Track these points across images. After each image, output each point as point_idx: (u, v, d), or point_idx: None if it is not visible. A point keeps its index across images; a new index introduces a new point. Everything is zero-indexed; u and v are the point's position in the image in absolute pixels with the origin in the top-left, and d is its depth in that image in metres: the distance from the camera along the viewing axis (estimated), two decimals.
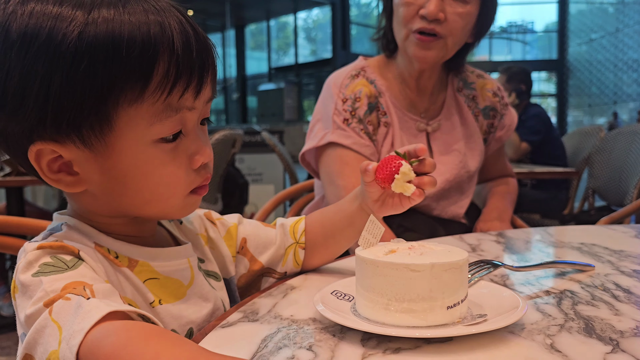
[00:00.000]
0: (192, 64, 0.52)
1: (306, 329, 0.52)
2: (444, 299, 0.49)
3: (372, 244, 0.56)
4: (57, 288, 0.46)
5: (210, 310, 0.61)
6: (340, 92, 1.15)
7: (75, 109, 0.49)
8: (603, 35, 14.35)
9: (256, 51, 18.81)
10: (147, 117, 0.51)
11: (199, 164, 0.56)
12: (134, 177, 0.54)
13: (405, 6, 1.08)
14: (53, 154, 0.52)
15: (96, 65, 0.48)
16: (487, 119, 1.26)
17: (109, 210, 0.57)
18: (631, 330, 0.51)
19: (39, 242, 0.52)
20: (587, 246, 0.88)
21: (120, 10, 0.49)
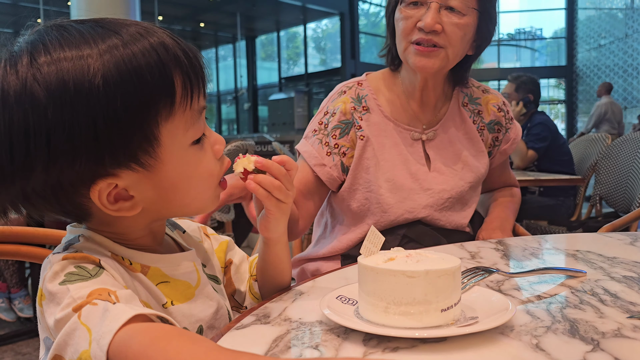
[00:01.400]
0: (195, 70, 0.58)
1: (313, 330, 0.57)
2: (438, 303, 0.54)
3: (373, 252, 0.61)
4: (83, 295, 0.51)
5: (215, 309, 0.68)
6: (326, 105, 1.24)
7: (127, 141, 0.54)
8: (612, 41, 14.31)
9: (267, 61, 18.97)
10: (182, 126, 0.57)
11: (220, 153, 0.64)
12: (182, 181, 0.60)
13: (404, 20, 1.14)
14: (109, 186, 0.56)
15: (130, 98, 0.53)
16: (492, 132, 1.30)
17: (152, 218, 0.63)
18: (612, 331, 0.55)
19: (62, 253, 0.57)
20: (582, 253, 0.92)
21: (122, 40, 0.54)
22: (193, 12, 15.45)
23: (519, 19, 18.66)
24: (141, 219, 0.62)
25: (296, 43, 18.63)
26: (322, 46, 18.87)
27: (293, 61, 19.01)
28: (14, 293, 2.85)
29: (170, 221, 0.75)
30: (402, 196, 1.18)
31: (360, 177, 1.19)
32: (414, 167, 1.19)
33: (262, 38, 18.93)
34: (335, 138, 1.19)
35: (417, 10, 1.12)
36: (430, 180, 1.19)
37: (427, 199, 1.19)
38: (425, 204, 1.18)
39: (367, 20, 17.24)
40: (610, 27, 14.61)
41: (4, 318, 2.84)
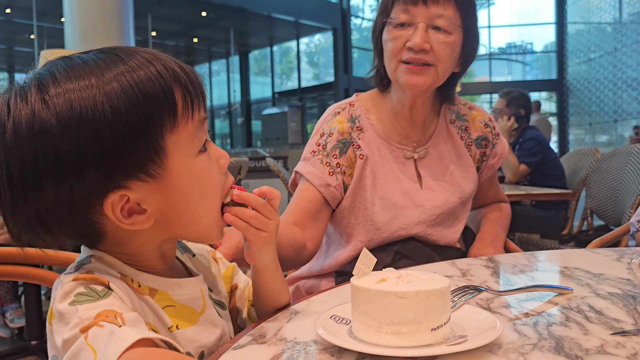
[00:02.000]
0: (193, 84, 0.62)
1: (308, 349, 0.59)
2: (429, 322, 0.56)
3: (365, 273, 0.63)
4: (90, 316, 0.53)
5: (219, 336, 0.69)
6: (321, 127, 1.26)
7: (134, 153, 0.57)
8: (602, 55, 14.50)
9: (260, 76, 19.07)
10: (186, 136, 0.61)
11: (225, 168, 0.66)
12: (192, 191, 0.62)
13: (393, 40, 1.17)
14: (122, 200, 0.58)
15: (134, 114, 0.56)
16: (480, 148, 1.34)
17: (165, 236, 0.65)
18: (596, 348, 0.57)
19: (73, 274, 0.59)
20: (570, 270, 0.94)
21: (124, 63, 0.58)
22: (186, 28, 15.54)
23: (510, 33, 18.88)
24: (154, 236, 0.64)
25: (289, 58, 18.76)
26: (315, 61, 19.00)
27: (286, 76, 19.12)
28: (6, 306, 2.86)
29: (181, 244, 0.77)
30: (395, 213, 1.20)
31: (359, 195, 1.21)
32: (406, 184, 1.22)
33: (255, 53, 19.04)
34: (335, 157, 1.21)
35: (406, 30, 1.16)
36: (422, 197, 1.22)
37: (420, 215, 1.21)
38: (418, 220, 1.21)
39: (360, 35, 17.40)
40: (599, 41, 14.82)
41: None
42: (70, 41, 7.10)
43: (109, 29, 7.09)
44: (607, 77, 14.19)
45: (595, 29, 15.04)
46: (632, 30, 13.36)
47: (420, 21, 1.15)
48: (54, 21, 12.11)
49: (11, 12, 13.34)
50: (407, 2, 1.15)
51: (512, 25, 18.38)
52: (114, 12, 7.20)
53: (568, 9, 15.98)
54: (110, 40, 7.02)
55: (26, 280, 1.03)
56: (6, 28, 14.70)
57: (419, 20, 1.15)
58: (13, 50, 17.05)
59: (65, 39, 7.21)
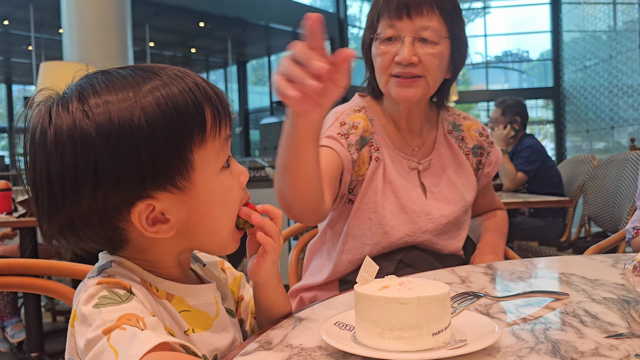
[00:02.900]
0: (222, 103, 0.65)
1: (313, 355, 0.61)
2: (430, 327, 0.58)
3: (368, 280, 0.65)
4: (113, 318, 0.55)
5: (231, 340, 0.72)
6: (340, 117, 1.25)
7: (166, 166, 0.60)
8: (597, 62, 14.58)
9: (258, 86, 19.13)
10: (212, 152, 0.64)
11: (244, 184, 0.69)
12: (215, 205, 0.65)
13: (382, 56, 1.20)
14: (148, 208, 0.62)
15: (168, 129, 0.60)
16: (476, 156, 1.37)
17: (185, 246, 0.68)
18: (590, 350, 0.59)
19: (97, 278, 0.62)
20: (566, 276, 0.97)
21: (162, 81, 0.62)
22: (184, 38, 15.60)
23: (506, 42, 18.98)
24: (175, 246, 0.67)
25: None
26: None
27: None
28: (6, 321, 2.87)
29: (192, 254, 0.79)
30: (404, 219, 1.23)
31: (368, 197, 1.23)
32: (413, 193, 1.25)
33: (253, 63, 19.10)
34: (357, 151, 1.22)
35: (393, 45, 1.19)
36: (429, 206, 1.25)
37: (427, 223, 1.24)
38: (426, 228, 1.23)
39: (357, 45, 17.48)
40: (594, 49, 14.91)
41: None
42: (68, 52, 7.13)
43: (107, 40, 7.13)
44: (602, 84, 14.26)
45: (591, 37, 15.13)
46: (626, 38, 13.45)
47: (406, 35, 1.17)
48: (52, 32, 12.16)
49: (9, 24, 13.39)
50: (392, 17, 1.18)
51: (508, 33, 18.49)
52: (112, 24, 7.24)
53: (563, 17, 16.10)
54: (108, 51, 7.06)
55: (28, 290, 1.04)
56: (4, 39, 14.75)
57: (405, 34, 1.17)
58: (10, 61, 17.08)
59: (64, 51, 7.24)
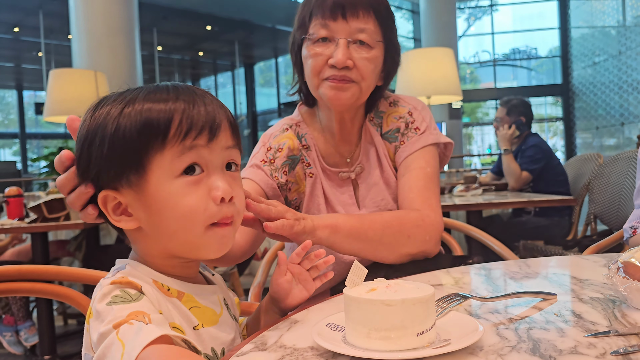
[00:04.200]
0: (202, 117, 0.70)
1: (305, 355, 0.64)
2: (414, 327, 0.61)
3: (357, 284, 0.68)
4: (123, 315, 0.62)
5: (233, 337, 0.78)
6: (267, 142, 1.25)
7: (122, 161, 0.69)
8: (606, 59, 14.49)
9: (265, 87, 19.21)
10: (169, 157, 0.69)
11: (218, 199, 0.70)
12: (166, 208, 0.69)
13: (314, 57, 1.14)
14: (114, 200, 0.71)
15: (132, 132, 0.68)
16: (392, 141, 1.26)
17: (158, 249, 0.73)
18: (569, 348, 0.62)
19: (111, 278, 0.68)
20: (557, 276, 0.99)
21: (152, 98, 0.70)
22: (191, 42, 15.70)
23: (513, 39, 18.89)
24: (151, 245, 0.73)
25: None
26: None
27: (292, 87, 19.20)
28: (20, 325, 2.93)
29: (202, 265, 0.86)
30: None
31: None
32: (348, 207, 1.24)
33: (261, 65, 19.18)
34: (285, 174, 1.21)
35: (326, 46, 1.13)
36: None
37: None
38: None
39: None
40: (603, 44, 14.81)
41: (12, 351, 2.90)
42: (77, 58, 7.22)
43: (115, 46, 7.22)
44: (612, 80, 14.17)
45: (599, 33, 15.04)
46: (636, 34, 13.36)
47: (341, 37, 1.12)
48: (62, 39, 12.29)
49: (19, 31, 13.55)
50: (326, 17, 1.12)
51: (516, 31, 18.42)
52: (120, 29, 7.32)
53: (571, 13, 16.01)
54: (116, 56, 7.15)
55: (40, 295, 1.08)
56: (14, 46, 14.92)
57: (340, 36, 1.12)
58: (21, 67, 17.28)
59: (73, 56, 7.34)
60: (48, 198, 2.64)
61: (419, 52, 3.91)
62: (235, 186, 0.74)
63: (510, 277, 1.00)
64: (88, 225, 2.65)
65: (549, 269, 1.06)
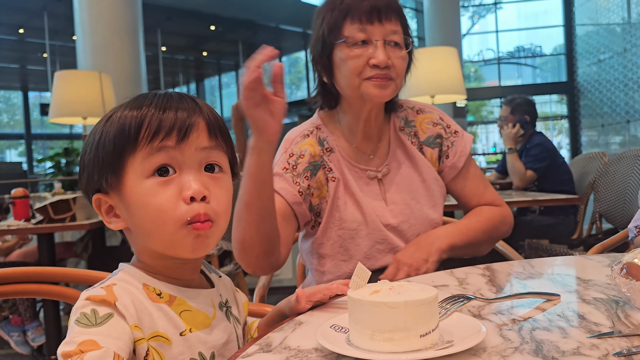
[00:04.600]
0: (170, 119, 0.72)
1: (309, 356, 0.65)
2: (417, 329, 0.62)
3: (360, 285, 0.69)
4: (76, 341, 0.63)
5: (226, 340, 0.78)
6: (289, 147, 1.30)
7: (105, 165, 0.73)
8: (611, 56, 14.43)
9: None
10: (140, 159, 0.71)
11: (187, 197, 0.71)
12: (139, 208, 0.72)
13: (354, 59, 1.20)
14: (105, 204, 0.75)
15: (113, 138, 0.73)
16: (435, 147, 1.35)
17: (144, 248, 0.75)
18: (572, 349, 0.62)
19: (90, 291, 0.68)
20: (561, 276, 0.99)
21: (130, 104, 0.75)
22: (195, 42, 15.74)
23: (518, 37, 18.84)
24: (138, 243, 0.76)
25: (298, 68, 18.88)
26: None
27: (296, 86, 19.24)
28: (27, 325, 2.95)
29: (211, 267, 0.87)
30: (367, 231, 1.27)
31: (333, 216, 1.27)
32: (372, 204, 1.28)
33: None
34: (307, 179, 1.26)
35: (365, 48, 1.20)
36: (388, 215, 1.28)
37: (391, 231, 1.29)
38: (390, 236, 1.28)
39: None
40: (608, 42, 14.75)
41: (20, 351, 2.92)
42: (82, 59, 7.25)
43: (119, 46, 7.25)
44: (617, 77, 14.12)
45: (604, 30, 14.98)
46: None
47: (378, 39, 1.20)
48: (66, 39, 12.34)
49: (24, 32, 13.61)
50: (364, 22, 1.19)
51: (520, 29, 18.37)
52: (124, 30, 7.35)
53: (576, 10, 15.96)
54: (121, 57, 7.18)
55: (46, 297, 1.09)
56: (20, 48, 15.00)
57: (377, 38, 1.20)
58: (26, 69, 17.37)
59: (78, 57, 7.37)
60: (54, 199, 2.65)
61: (422, 51, 3.90)
62: (213, 187, 0.74)
63: (514, 278, 1.00)
64: (93, 226, 2.67)
65: (553, 269, 1.06)
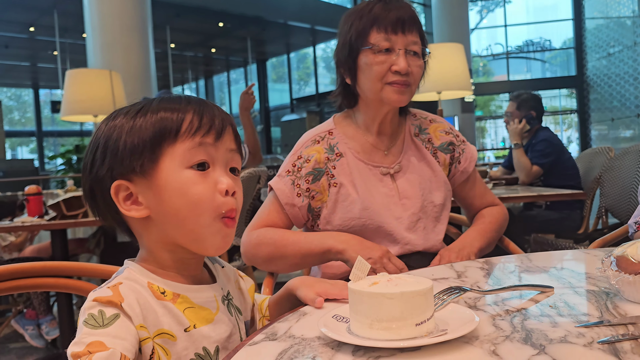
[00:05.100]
0: (210, 119, 0.77)
1: (312, 344, 0.69)
2: (413, 318, 0.66)
3: (360, 278, 0.73)
4: (85, 342, 0.66)
5: (229, 334, 0.81)
6: (300, 149, 1.40)
7: (138, 151, 0.75)
8: (621, 50, 14.32)
9: (278, 83, 19.27)
10: (181, 151, 0.75)
11: (223, 190, 0.77)
12: (176, 195, 0.75)
13: (379, 65, 1.31)
14: (126, 190, 0.76)
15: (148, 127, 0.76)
16: (448, 153, 1.47)
17: (164, 238, 0.78)
18: (559, 338, 0.66)
19: (97, 292, 0.72)
20: (557, 270, 1.03)
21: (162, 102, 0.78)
22: (204, 39, 15.78)
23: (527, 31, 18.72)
24: (158, 234, 0.78)
25: (306, 64, 18.90)
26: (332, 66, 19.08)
27: (304, 82, 19.26)
28: (41, 319, 3.02)
29: (213, 257, 0.89)
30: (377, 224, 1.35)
31: (334, 218, 1.34)
32: (386, 199, 1.36)
33: (273, 60, 19.24)
34: (308, 182, 1.36)
35: (388, 56, 1.31)
36: (400, 209, 1.36)
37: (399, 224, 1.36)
38: (399, 226, 1.35)
39: None
40: (619, 35, 14.63)
41: (34, 344, 2.99)
42: (92, 57, 7.33)
43: (129, 44, 7.32)
44: (627, 71, 14.01)
45: (614, 24, 14.86)
46: None
47: (401, 48, 1.31)
48: (76, 37, 12.42)
49: (34, 30, 13.73)
50: (389, 32, 1.31)
51: (529, 23, 18.26)
52: (133, 27, 7.41)
53: (585, 4, 15.83)
54: (130, 54, 7.25)
55: (61, 290, 1.14)
56: (30, 45, 15.12)
57: (400, 47, 1.31)
58: (37, 67, 17.51)
59: (88, 55, 7.44)
60: (67, 196, 2.71)
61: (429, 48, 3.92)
62: (235, 187, 0.80)
63: (511, 271, 1.04)
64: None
65: (550, 263, 1.09)
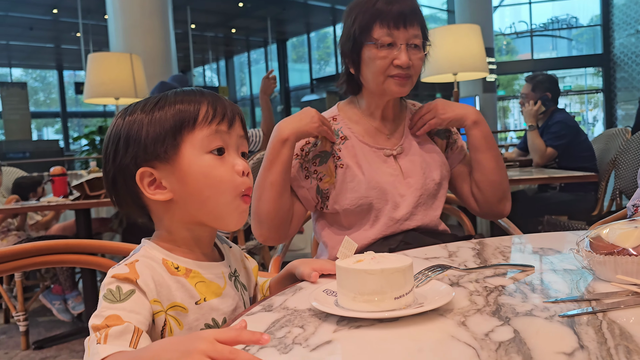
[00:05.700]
0: (223, 109, 0.85)
1: (302, 315, 0.77)
2: (392, 292, 0.73)
3: (347, 256, 0.80)
4: (104, 315, 0.72)
5: (235, 307, 0.89)
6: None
7: (160, 139, 0.82)
8: None
9: (298, 63, 19.26)
10: (199, 138, 0.82)
11: (240, 171, 0.85)
12: (199, 178, 0.83)
13: (382, 59, 1.37)
14: (150, 176, 0.82)
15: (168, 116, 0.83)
16: (444, 139, 1.57)
17: (186, 218, 0.86)
18: (525, 311, 0.73)
19: (115, 269, 0.79)
20: (544, 250, 1.09)
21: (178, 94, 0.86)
22: (224, 19, 15.83)
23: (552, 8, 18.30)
24: (180, 214, 0.85)
25: (327, 43, 18.82)
26: None
27: (324, 61, 19.21)
28: (67, 294, 3.17)
29: (222, 238, 0.98)
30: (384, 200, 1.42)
31: (342, 198, 1.41)
32: (390, 178, 1.42)
33: (293, 40, 19.20)
34: (315, 165, 1.43)
35: (390, 50, 1.37)
36: (405, 187, 1.43)
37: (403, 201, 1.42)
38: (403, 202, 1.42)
39: None
40: None
41: (61, 318, 3.15)
42: (114, 38, 7.46)
43: (149, 25, 7.43)
44: None
45: None
46: None
47: (402, 42, 1.37)
48: (98, 18, 12.58)
49: (58, 12, 13.93)
50: (391, 27, 1.36)
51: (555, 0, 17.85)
52: (154, 9, 7.51)
53: None
54: (151, 35, 7.36)
55: (84, 266, 1.23)
56: (54, 27, 15.35)
57: (402, 42, 1.37)
58: (61, 48, 17.78)
59: (110, 36, 7.57)
60: (90, 177, 2.83)
61: (444, 30, 3.92)
62: (247, 164, 0.89)
63: (500, 252, 1.10)
64: None
65: (538, 244, 1.15)
